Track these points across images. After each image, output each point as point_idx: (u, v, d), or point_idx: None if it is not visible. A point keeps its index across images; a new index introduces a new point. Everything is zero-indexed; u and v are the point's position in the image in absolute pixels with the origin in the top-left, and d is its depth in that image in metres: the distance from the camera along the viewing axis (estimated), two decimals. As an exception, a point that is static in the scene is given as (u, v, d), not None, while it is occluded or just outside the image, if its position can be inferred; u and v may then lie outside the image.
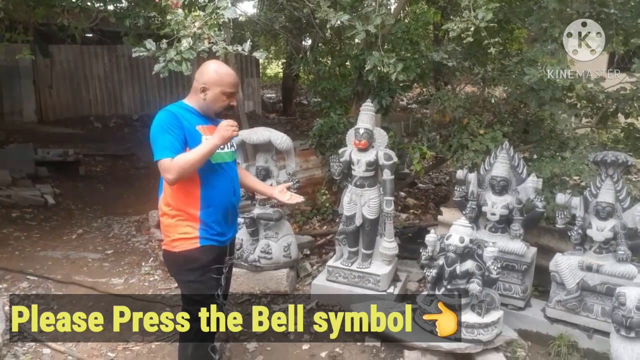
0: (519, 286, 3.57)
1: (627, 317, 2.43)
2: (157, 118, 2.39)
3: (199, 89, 2.43)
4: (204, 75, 2.43)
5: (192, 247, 2.45)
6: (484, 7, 3.69)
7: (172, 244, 2.47)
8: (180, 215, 2.45)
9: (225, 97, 2.46)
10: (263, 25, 6.00)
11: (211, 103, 2.46)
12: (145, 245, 5.30)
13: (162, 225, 2.53)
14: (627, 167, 3.32)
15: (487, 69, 5.38)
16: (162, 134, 2.33)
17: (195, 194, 2.44)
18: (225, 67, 2.52)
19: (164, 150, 2.30)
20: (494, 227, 3.67)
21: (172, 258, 2.53)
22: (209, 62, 2.49)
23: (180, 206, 2.45)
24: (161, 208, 2.52)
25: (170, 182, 2.32)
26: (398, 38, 5.30)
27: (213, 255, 2.49)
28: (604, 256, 3.28)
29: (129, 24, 5.24)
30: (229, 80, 2.45)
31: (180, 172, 2.29)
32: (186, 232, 2.45)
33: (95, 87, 12.63)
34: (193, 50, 3.32)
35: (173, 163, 2.28)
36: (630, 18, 4.17)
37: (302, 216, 5.64)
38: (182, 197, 2.44)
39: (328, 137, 5.24)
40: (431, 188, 7.37)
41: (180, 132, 2.35)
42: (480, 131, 4.89)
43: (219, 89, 2.42)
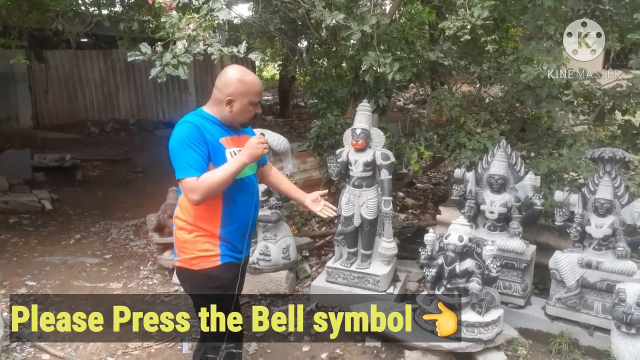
0: (519, 284, 3.56)
1: (627, 313, 2.42)
2: (179, 131, 2.20)
3: (225, 101, 2.22)
4: (229, 85, 2.22)
5: (213, 265, 2.29)
6: (480, 5, 3.68)
7: (191, 262, 2.30)
8: (198, 230, 2.28)
9: (252, 107, 2.28)
10: (258, 27, 5.99)
11: (238, 115, 2.27)
12: (143, 249, 5.28)
13: (177, 240, 2.36)
14: (625, 163, 3.31)
15: (483, 68, 5.38)
16: (185, 149, 2.14)
17: (216, 210, 2.27)
18: (250, 73, 2.31)
19: (189, 168, 2.13)
20: (492, 226, 3.67)
21: (189, 276, 2.36)
22: (231, 69, 2.27)
23: (199, 222, 2.28)
24: (176, 222, 2.36)
25: (196, 202, 2.16)
26: (394, 38, 5.30)
27: (234, 272, 2.35)
28: (604, 253, 3.27)
29: (123, 28, 5.23)
30: (256, 89, 2.27)
31: (206, 193, 2.14)
32: (206, 249, 2.29)
33: (92, 92, 12.61)
34: (189, 53, 3.31)
35: (200, 183, 2.12)
36: (625, 14, 4.17)
37: (300, 218, 5.63)
38: (202, 213, 2.27)
39: (326, 138, 5.23)
40: (430, 188, 7.36)
41: (205, 147, 2.17)
42: (478, 130, 4.89)
43: (247, 99, 2.23)
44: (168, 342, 3.42)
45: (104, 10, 6.15)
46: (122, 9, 6.01)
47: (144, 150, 9.91)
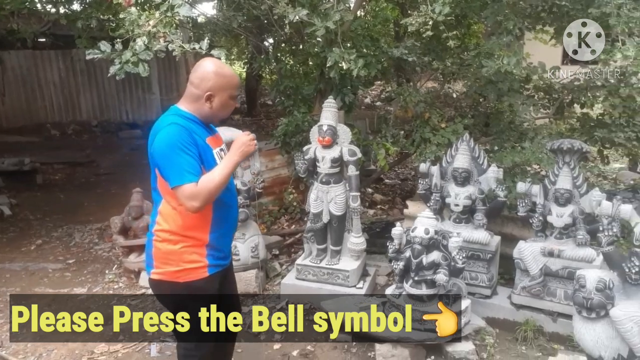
0: (485, 275, 3.63)
1: (587, 298, 2.49)
2: (169, 134, 2.02)
3: (204, 97, 2.09)
4: (207, 80, 2.09)
5: (200, 277, 2.16)
6: (441, 1, 3.73)
7: (177, 275, 2.14)
8: (186, 240, 2.14)
9: (232, 101, 2.18)
10: (222, 25, 5.91)
11: (219, 111, 2.15)
12: (108, 253, 5.16)
13: (158, 252, 2.17)
14: (583, 154, 3.42)
15: (446, 64, 5.46)
16: (179, 154, 1.99)
17: (207, 215, 2.14)
18: (226, 66, 2.22)
19: (186, 174, 1.99)
20: (457, 218, 3.73)
21: (172, 289, 2.18)
22: (206, 62, 2.15)
23: (188, 231, 2.13)
24: (157, 233, 2.17)
25: (196, 210, 2.02)
26: (358, 35, 5.32)
27: (218, 282, 2.25)
28: (565, 241, 3.37)
29: (81, 26, 5.08)
30: (235, 81, 2.17)
31: (208, 199, 2.02)
32: (193, 260, 2.14)
33: (51, 93, 12.19)
34: (149, 50, 3.25)
35: (200, 189, 1.99)
36: (581, 10, 4.30)
37: (269, 216, 5.60)
38: (192, 221, 2.12)
39: (293, 135, 5.21)
40: (398, 183, 7.43)
41: (196, 150, 2.05)
42: (442, 125, 4.95)
43: (227, 93, 2.13)
44: (136, 345, 3.35)
45: (61, 9, 5.96)
46: (81, 7, 5.83)
47: (108, 152, 9.68)
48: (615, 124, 4.34)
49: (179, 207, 2.10)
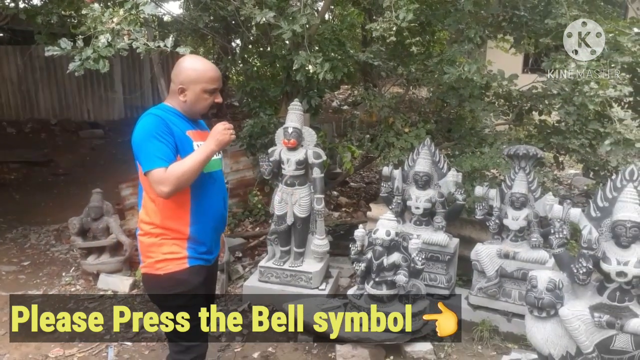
0: (444, 276, 3.72)
1: (538, 298, 2.58)
2: (143, 123, 2.09)
3: (177, 90, 2.17)
4: (180, 74, 2.16)
5: (180, 269, 2.16)
6: (405, 7, 3.81)
7: (156, 265, 2.16)
8: (165, 233, 2.17)
9: (207, 94, 2.19)
10: (188, 25, 5.86)
11: (193, 104, 2.19)
12: (66, 255, 5.01)
13: (141, 246, 2.22)
14: (538, 159, 3.55)
15: (410, 70, 5.56)
16: (151, 141, 2.04)
17: (185, 207, 2.17)
18: (203, 60, 2.25)
19: (156, 159, 2.02)
20: (418, 220, 3.81)
21: (155, 282, 2.20)
22: (183, 59, 2.22)
23: (167, 223, 2.16)
24: (141, 226, 2.22)
25: (166, 195, 2.04)
26: (325, 39, 5.36)
27: (202, 276, 2.24)
28: (520, 244, 3.48)
29: (41, 22, 4.94)
30: (208, 75, 2.18)
31: (176, 184, 2.03)
32: (172, 251, 2.16)
33: (7, 90, 11.71)
34: (111, 48, 3.19)
35: (168, 174, 2.01)
36: (539, 20, 4.47)
37: (233, 218, 5.56)
38: (170, 212, 2.15)
39: (259, 137, 5.21)
40: (362, 186, 7.51)
41: (171, 139, 2.08)
42: (406, 129, 5.05)
43: (199, 86, 2.16)
44: (92, 349, 3.27)
45: (20, 3, 5.78)
46: (41, 2, 5.68)
47: (67, 152, 9.39)
48: (570, 131, 4.50)
49: (157, 199, 2.13)
